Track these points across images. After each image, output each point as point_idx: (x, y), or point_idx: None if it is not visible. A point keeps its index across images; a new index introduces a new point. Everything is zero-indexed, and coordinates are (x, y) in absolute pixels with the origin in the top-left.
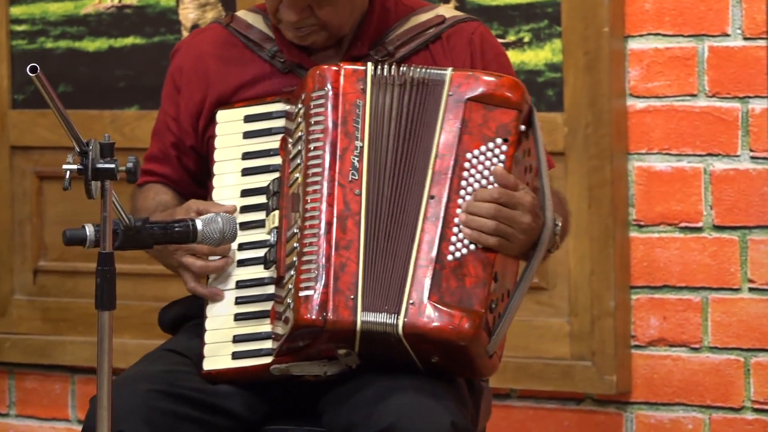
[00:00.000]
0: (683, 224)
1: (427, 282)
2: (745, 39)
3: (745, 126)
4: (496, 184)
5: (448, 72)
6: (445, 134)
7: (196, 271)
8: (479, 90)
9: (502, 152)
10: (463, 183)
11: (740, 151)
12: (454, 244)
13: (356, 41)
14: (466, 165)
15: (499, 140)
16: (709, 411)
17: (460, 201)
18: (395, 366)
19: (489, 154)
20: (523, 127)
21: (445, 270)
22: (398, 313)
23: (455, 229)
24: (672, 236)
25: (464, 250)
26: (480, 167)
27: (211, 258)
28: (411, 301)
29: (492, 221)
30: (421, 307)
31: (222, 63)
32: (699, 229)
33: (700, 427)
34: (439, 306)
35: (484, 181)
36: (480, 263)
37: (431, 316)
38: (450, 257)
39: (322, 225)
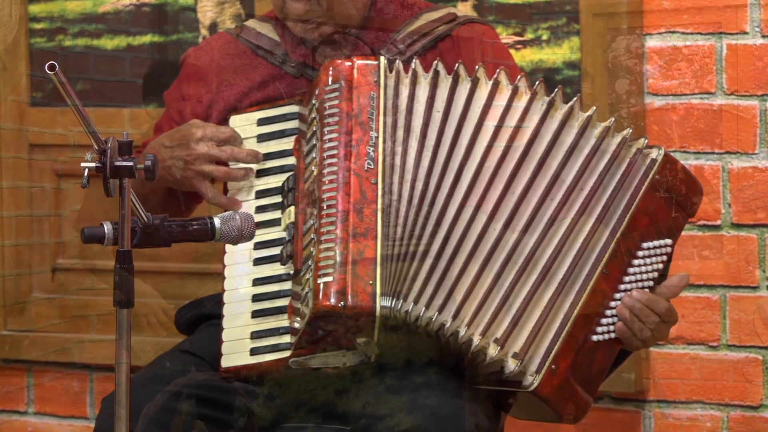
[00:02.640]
0: (701, 222)
1: (572, 354)
2: (764, 37)
3: (763, 124)
4: (662, 289)
5: (661, 153)
6: (636, 214)
7: (220, 177)
8: (680, 187)
9: (665, 252)
10: (630, 270)
11: (758, 149)
12: (602, 326)
13: (359, 41)
14: (639, 254)
15: (668, 240)
16: (727, 409)
17: (621, 286)
18: (413, 355)
19: (658, 250)
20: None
21: (585, 347)
22: (534, 371)
23: (608, 312)
24: (690, 234)
25: (605, 336)
26: (647, 260)
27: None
28: (553, 366)
29: (649, 331)
30: (559, 375)
31: (231, 70)
32: (717, 227)
33: (718, 425)
34: (572, 381)
35: (646, 276)
36: (608, 353)
37: (563, 388)
38: (594, 337)
39: (339, 214)
